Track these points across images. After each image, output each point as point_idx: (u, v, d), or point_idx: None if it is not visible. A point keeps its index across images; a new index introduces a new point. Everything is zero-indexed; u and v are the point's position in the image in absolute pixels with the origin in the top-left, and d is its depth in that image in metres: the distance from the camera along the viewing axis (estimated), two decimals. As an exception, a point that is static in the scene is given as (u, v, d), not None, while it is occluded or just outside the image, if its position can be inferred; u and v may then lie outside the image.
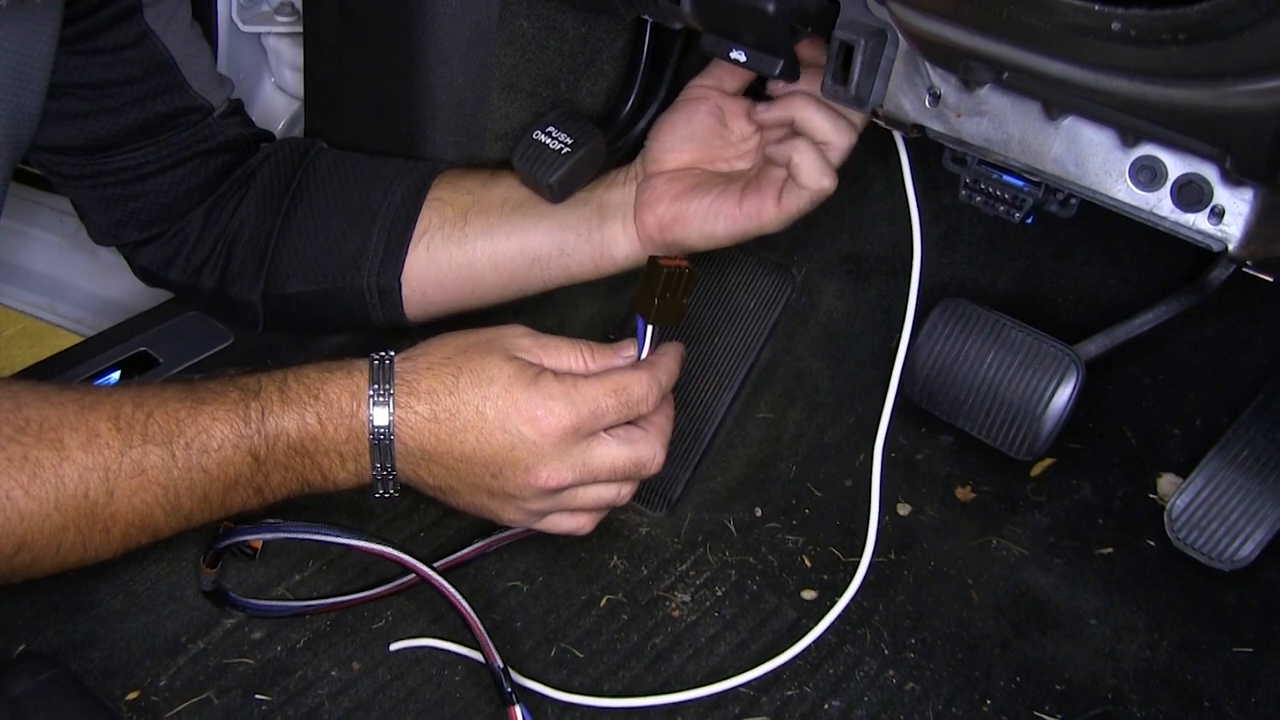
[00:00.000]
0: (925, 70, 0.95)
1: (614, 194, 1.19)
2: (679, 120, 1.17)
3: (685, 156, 1.17)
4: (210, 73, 1.25)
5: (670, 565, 1.24)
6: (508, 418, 0.98)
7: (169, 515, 0.97)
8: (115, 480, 0.94)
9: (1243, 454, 1.27)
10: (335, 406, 0.98)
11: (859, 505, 1.25)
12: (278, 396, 0.98)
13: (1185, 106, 0.76)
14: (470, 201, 1.21)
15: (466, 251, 1.20)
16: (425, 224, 1.21)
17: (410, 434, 0.99)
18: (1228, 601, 1.21)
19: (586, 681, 1.13)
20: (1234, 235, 0.88)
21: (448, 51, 1.26)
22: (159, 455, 0.95)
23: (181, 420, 0.96)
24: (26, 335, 2.09)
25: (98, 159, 1.19)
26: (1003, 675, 1.14)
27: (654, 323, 1.07)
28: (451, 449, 0.99)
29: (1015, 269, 1.47)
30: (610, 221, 1.18)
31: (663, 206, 1.14)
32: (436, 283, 1.22)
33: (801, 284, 1.46)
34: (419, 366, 1.00)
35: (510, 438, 0.99)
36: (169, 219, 1.24)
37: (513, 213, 1.20)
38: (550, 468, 1.00)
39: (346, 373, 1.00)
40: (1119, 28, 0.70)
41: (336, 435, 0.98)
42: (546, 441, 0.99)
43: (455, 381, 0.99)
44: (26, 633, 1.10)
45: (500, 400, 0.98)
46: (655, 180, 1.16)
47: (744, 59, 1.01)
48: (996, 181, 1.00)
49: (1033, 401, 1.26)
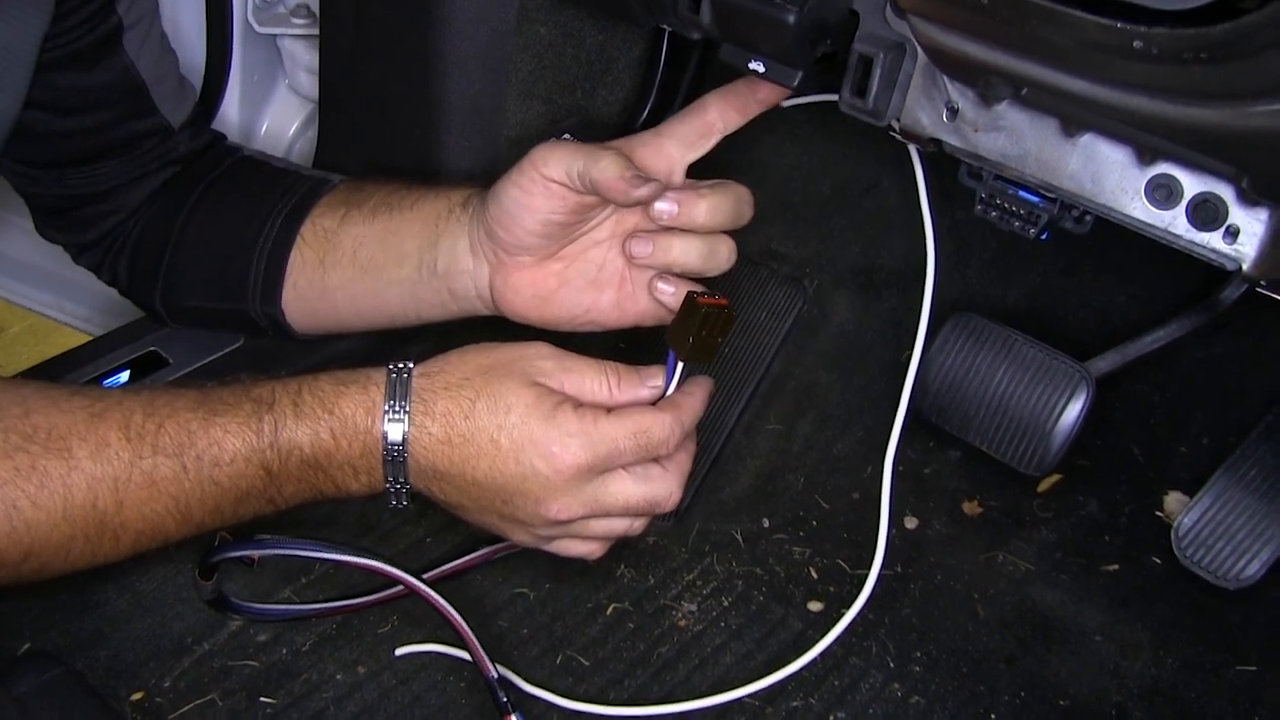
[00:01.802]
0: (943, 84, 0.95)
1: (460, 265, 1.11)
2: (534, 206, 1.05)
3: (536, 252, 1.08)
4: (176, 89, 1.24)
5: (677, 575, 1.24)
6: (522, 449, 0.96)
7: (180, 524, 0.96)
8: (125, 491, 0.92)
9: (1250, 473, 1.27)
10: (350, 422, 0.97)
11: (866, 518, 1.25)
12: (291, 410, 0.96)
13: (1204, 126, 0.77)
14: (325, 249, 1.17)
15: (329, 301, 1.19)
16: (292, 263, 1.19)
17: (423, 453, 0.97)
18: (1233, 620, 1.20)
19: (592, 689, 1.12)
20: (1248, 255, 0.88)
21: (464, 56, 1.26)
22: (170, 467, 0.93)
23: (194, 432, 0.94)
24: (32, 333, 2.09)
25: (55, 172, 1.20)
26: (1007, 690, 1.14)
27: (687, 360, 1.00)
28: (464, 472, 0.98)
29: (1026, 284, 1.47)
30: (464, 298, 1.13)
31: (524, 304, 1.10)
32: (310, 319, 1.21)
33: (813, 296, 1.47)
34: (436, 385, 0.98)
35: (523, 469, 0.96)
36: (105, 228, 1.25)
37: (362, 273, 1.16)
38: (561, 501, 0.97)
39: (362, 387, 0.97)
40: (1141, 46, 0.70)
41: (350, 450, 0.97)
42: (560, 477, 0.96)
43: (472, 405, 0.97)
44: (32, 631, 1.10)
45: (516, 431, 0.96)
46: (509, 272, 1.09)
47: (763, 70, 1.01)
48: (1012, 197, 1.00)
49: (1042, 417, 1.26)
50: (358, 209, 1.17)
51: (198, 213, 1.23)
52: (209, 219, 1.23)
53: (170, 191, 1.25)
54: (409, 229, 1.13)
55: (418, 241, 1.13)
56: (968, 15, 0.82)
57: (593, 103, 1.36)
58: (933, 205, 1.10)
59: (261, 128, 1.67)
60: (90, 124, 1.17)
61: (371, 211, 1.16)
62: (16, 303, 1.93)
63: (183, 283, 1.24)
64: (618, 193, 0.99)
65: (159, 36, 1.21)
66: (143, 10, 1.17)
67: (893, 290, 1.48)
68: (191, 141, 1.25)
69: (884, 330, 1.46)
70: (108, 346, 1.32)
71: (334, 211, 1.18)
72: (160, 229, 1.23)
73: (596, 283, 1.09)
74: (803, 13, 0.95)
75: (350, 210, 1.17)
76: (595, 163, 0.99)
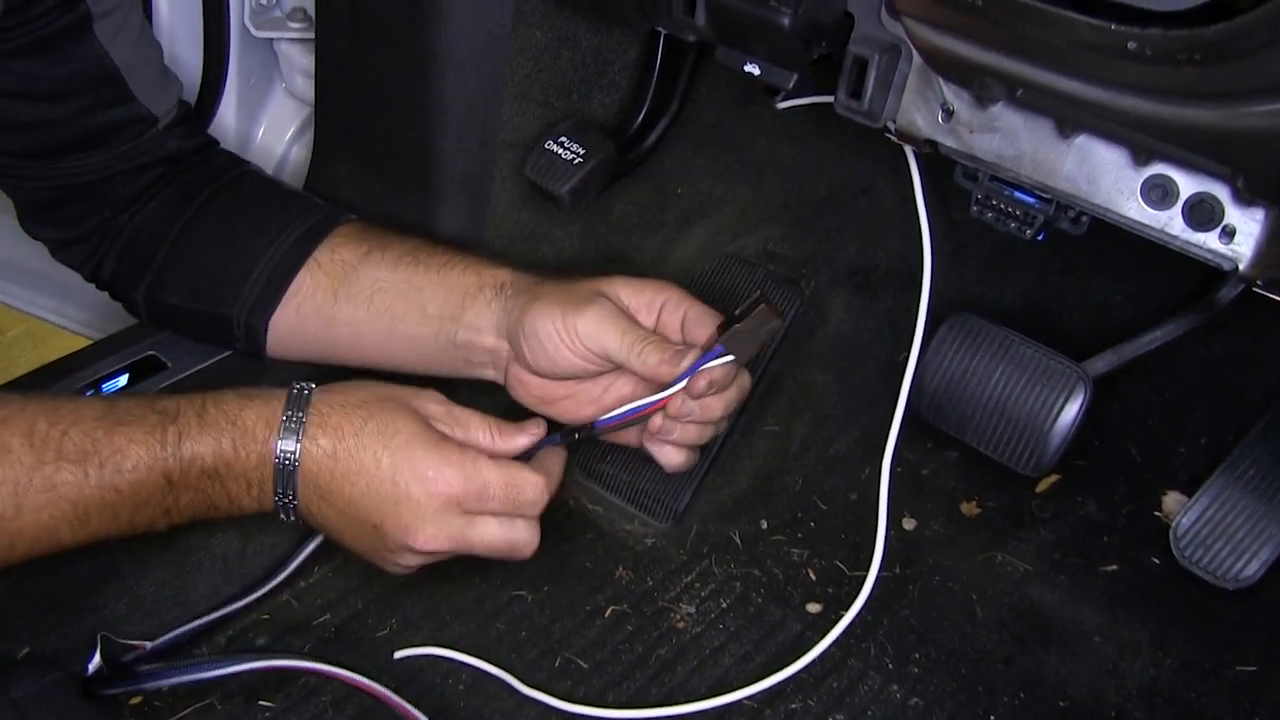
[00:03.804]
0: (938, 86, 0.95)
1: (481, 343, 1.15)
2: (567, 361, 1.11)
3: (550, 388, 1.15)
4: (157, 78, 1.24)
5: (675, 577, 1.24)
6: (400, 470, 1.00)
7: (76, 530, 0.97)
8: (24, 496, 0.94)
9: (1249, 473, 1.27)
10: (250, 433, 1.00)
11: (864, 519, 1.25)
12: (196, 421, 0.99)
13: (1199, 126, 0.77)
14: (342, 281, 1.18)
15: (332, 334, 1.20)
16: (299, 285, 1.19)
17: (311, 466, 1.00)
18: (1232, 620, 1.20)
19: (590, 692, 1.12)
20: (1244, 255, 0.88)
21: (460, 60, 1.26)
22: (71, 473, 0.95)
23: (98, 440, 0.96)
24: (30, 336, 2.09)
25: (37, 165, 1.20)
26: (1006, 691, 1.14)
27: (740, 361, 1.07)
28: (342, 489, 1.01)
29: (1023, 285, 1.47)
30: (479, 367, 1.17)
31: (528, 398, 1.15)
32: (299, 342, 1.22)
33: (810, 297, 1.47)
34: (334, 402, 1.01)
35: (397, 491, 1.00)
36: (93, 224, 1.24)
37: (376, 318, 1.17)
38: (427, 532, 1.01)
39: (265, 400, 1.01)
40: (1135, 47, 0.70)
41: (247, 461, 1.00)
42: (430, 504, 1.00)
43: (363, 424, 1.01)
44: (30, 635, 1.10)
45: (399, 452, 1.00)
46: (524, 374, 1.14)
47: (758, 72, 1.01)
48: (1008, 198, 1.00)
49: (1039, 418, 1.26)
50: (380, 252, 1.18)
51: (203, 215, 1.23)
52: (214, 222, 1.23)
53: (172, 190, 1.24)
54: (433, 292, 1.16)
55: (440, 308, 1.15)
56: (962, 17, 0.82)
57: (588, 105, 1.36)
58: (929, 206, 1.10)
59: (258, 131, 1.66)
60: (65, 112, 1.16)
61: (396, 260, 1.18)
62: (15, 306, 1.92)
63: (171, 280, 1.24)
64: (656, 379, 1.07)
65: (137, 27, 1.21)
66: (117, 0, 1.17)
67: (889, 291, 1.48)
68: (182, 141, 1.25)
69: (881, 331, 1.46)
70: (106, 350, 1.31)
71: (355, 246, 1.19)
72: (158, 225, 1.23)
73: (599, 400, 1.14)
74: (798, 15, 0.95)
75: (373, 251, 1.19)
76: (635, 353, 1.06)
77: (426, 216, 1.35)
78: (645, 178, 1.46)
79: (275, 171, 1.66)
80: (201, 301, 1.23)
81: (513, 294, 1.13)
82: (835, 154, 1.53)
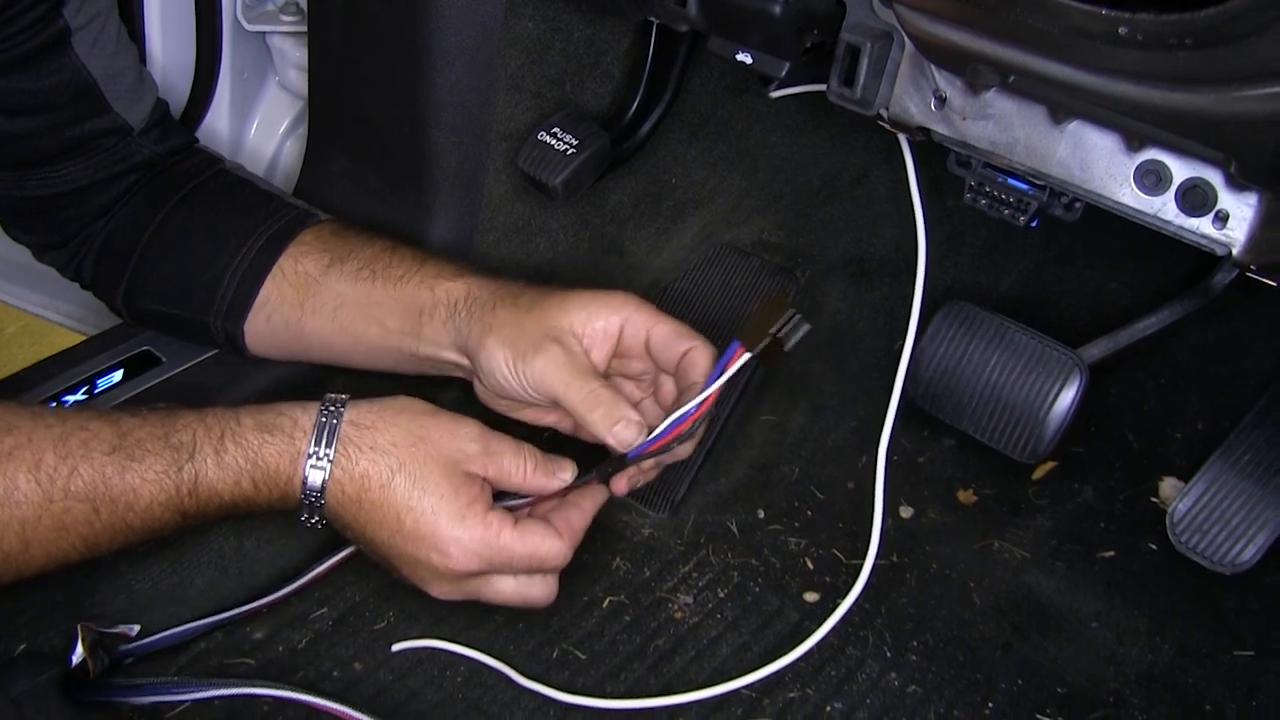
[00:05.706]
0: (931, 73, 0.95)
1: (442, 356, 1.14)
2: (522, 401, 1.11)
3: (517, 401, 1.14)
4: (133, 86, 1.23)
5: (673, 567, 1.24)
6: (422, 539, 1.00)
7: (85, 555, 0.98)
8: (33, 534, 0.93)
9: (1245, 458, 1.27)
10: (271, 474, 0.99)
11: (861, 508, 1.25)
12: (213, 460, 0.97)
13: (1191, 111, 0.77)
14: (306, 294, 1.18)
15: (305, 343, 1.20)
16: (267, 295, 1.19)
17: (335, 503, 1.01)
18: (1229, 605, 1.21)
19: (589, 683, 1.13)
20: (1238, 240, 0.88)
21: (452, 52, 1.26)
22: (82, 510, 0.94)
23: (109, 478, 0.95)
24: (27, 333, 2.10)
25: (11, 175, 1.20)
26: (1004, 678, 1.14)
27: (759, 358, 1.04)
28: (365, 530, 1.01)
29: (1018, 272, 1.47)
30: (450, 372, 1.17)
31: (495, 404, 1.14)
32: (276, 348, 1.23)
33: (805, 286, 1.47)
34: (363, 444, 1.00)
35: (417, 553, 1.00)
36: (71, 231, 1.24)
37: (342, 332, 1.17)
38: (442, 590, 1.03)
39: (288, 435, 0.99)
40: (1125, 32, 0.70)
41: (270, 495, 1.00)
42: (449, 573, 1.01)
43: (391, 476, 0.99)
44: (28, 631, 1.10)
45: (423, 519, 0.99)
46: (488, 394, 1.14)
47: (750, 61, 1.01)
48: (1001, 185, 1.00)
49: (1035, 405, 1.26)
50: (340, 265, 1.18)
51: (173, 220, 1.23)
52: (184, 227, 1.23)
53: (144, 195, 1.24)
54: (391, 307, 1.15)
55: (400, 323, 1.15)
56: (954, 3, 0.82)
57: (581, 96, 1.36)
58: (923, 194, 1.10)
59: (252, 125, 1.66)
60: (42, 125, 1.16)
61: (355, 273, 1.17)
62: (11, 304, 1.92)
63: (146, 286, 1.24)
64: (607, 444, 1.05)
65: (114, 35, 1.20)
66: (95, 10, 1.16)
67: (884, 279, 1.48)
68: (157, 145, 1.25)
69: (876, 320, 1.46)
70: (101, 346, 1.31)
71: (317, 257, 1.19)
72: (131, 230, 1.23)
73: (563, 415, 1.12)
74: (789, 3, 0.95)
75: (334, 262, 1.18)
76: (584, 412, 1.04)
77: (420, 209, 1.35)
78: (639, 168, 1.46)
79: (269, 166, 1.65)
80: (177, 307, 1.23)
81: (466, 315, 1.11)
82: (829, 143, 1.53)
